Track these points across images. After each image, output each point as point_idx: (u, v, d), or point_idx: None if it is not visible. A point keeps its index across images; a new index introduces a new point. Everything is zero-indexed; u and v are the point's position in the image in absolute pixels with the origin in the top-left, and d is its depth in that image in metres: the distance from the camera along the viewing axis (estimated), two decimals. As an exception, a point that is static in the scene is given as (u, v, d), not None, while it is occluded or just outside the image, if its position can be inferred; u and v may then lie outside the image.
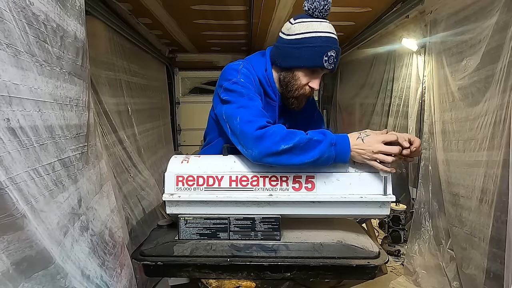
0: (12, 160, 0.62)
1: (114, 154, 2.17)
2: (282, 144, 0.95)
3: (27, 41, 0.68)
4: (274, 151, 0.95)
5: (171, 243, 1.04)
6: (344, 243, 1.02)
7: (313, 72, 1.15)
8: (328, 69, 1.13)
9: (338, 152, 0.97)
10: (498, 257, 1.49)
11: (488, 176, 1.59)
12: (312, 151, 0.95)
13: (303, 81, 1.16)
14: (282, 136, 0.96)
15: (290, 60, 1.15)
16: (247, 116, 1.01)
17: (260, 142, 0.96)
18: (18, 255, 0.61)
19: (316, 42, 1.11)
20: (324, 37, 1.11)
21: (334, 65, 1.14)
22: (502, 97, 1.49)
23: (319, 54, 1.10)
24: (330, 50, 1.10)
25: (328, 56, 1.11)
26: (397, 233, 2.75)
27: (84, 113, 0.99)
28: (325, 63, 1.11)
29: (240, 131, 1.01)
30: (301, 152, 0.95)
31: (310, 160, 0.95)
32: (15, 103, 0.64)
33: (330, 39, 1.12)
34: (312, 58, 1.11)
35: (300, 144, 0.95)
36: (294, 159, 0.95)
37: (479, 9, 1.69)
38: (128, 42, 2.76)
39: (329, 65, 1.12)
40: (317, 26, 1.12)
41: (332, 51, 1.11)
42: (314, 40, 1.11)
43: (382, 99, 3.36)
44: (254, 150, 0.97)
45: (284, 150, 0.95)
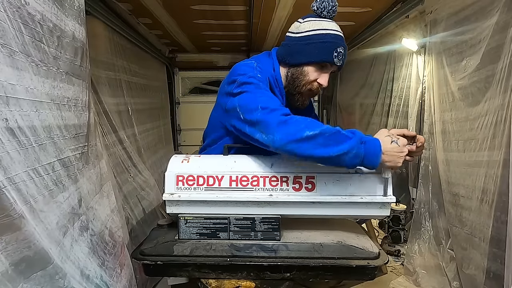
0: (11, 160, 0.62)
1: (114, 154, 2.17)
2: (307, 130, 0.88)
3: (22, 41, 0.68)
4: (298, 137, 0.88)
5: (171, 242, 1.04)
6: (344, 244, 1.02)
7: (322, 68, 1.17)
8: (337, 65, 1.16)
9: (368, 152, 0.88)
10: (498, 257, 1.49)
11: (489, 176, 1.59)
12: (340, 144, 0.87)
13: (312, 77, 1.17)
14: (307, 123, 0.91)
15: (300, 56, 1.16)
16: (271, 105, 0.97)
17: (283, 126, 0.91)
18: (17, 255, 0.61)
19: (327, 38, 1.13)
20: (333, 34, 1.15)
21: (342, 62, 1.16)
22: (502, 97, 1.48)
23: (329, 49, 1.13)
24: (339, 47, 1.14)
25: (338, 52, 1.14)
26: (397, 233, 2.75)
27: (84, 113, 0.99)
28: (335, 58, 1.14)
29: (261, 118, 0.95)
30: (327, 142, 0.87)
31: (336, 153, 0.86)
32: (12, 103, 0.64)
33: (339, 36, 1.15)
34: (322, 53, 1.14)
35: (326, 134, 0.88)
36: (318, 150, 0.87)
37: (479, 9, 1.69)
38: (128, 42, 2.76)
39: (338, 61, 1.15)
40: (326, 25, 1.15)
41: (341, 48, 1.14)
42: (324, 36, 1.14)
43: (382, 99, 3.36)
44: (276, 135, 0.90)
45: (308, 137, 0.87)
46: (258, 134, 0.96)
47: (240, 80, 1.08)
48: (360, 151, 0.88)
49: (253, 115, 0.97)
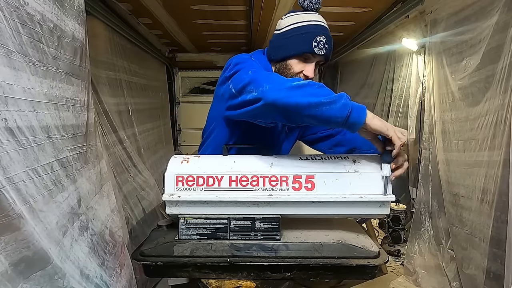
0: (10, 160, 0.62)
1: (114, 154, 2.17)
2: (296, 81, 0.92)
3: (19, 41, 0.68)
4: (288, 86, 0.91)
5: (171, 243, 1.04)
6: (344, 243, 1.02)
7: (306, 60, 1.16)
8: (320, 55, 1.13)
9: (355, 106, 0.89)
10: (498, 257, 1.49)
11: (489, 176, 1.59)
12: (328, 94, 0.89)
13: (296, 70, 1.16)
14: (294, 79, 0.95)
15: (281, 51, 1.17)
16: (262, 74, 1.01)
17: (273, 79, 0.96)
18: (16, 255, 0.61)
19: (305, 29, 1.13)
20: (312, 24, 1.13)
21: (326, 51, 1.13)
22: (502, 97, 1.48)
23: (307, 39, 1.12)
24: (318, 35, 1.11)
25: (318, 41, 1.11)
26: (397, 233, 2.75)
27: (83, 113, 0.99)
28: (315, 48, 1.11)
29: (252, 77, 0.99)
30: (315, 92, 0.90)
31: (326, 100, 0.87)
32: (11, 103, 0.64)
33: (318, 26, 1.13)
34: (301, 45, 1.13)
35: (315, 86, 0.92)
36: (309, 98, 0.88)
37: (479, 9, 1.69)
38: (128, 42, 2.76)
39: (319, 50, 1.12)
40: (305, 17, 1.14)
41: (321, 36, 1.11)
42: (302, 28, 1.13)
43: (382, 99, 3.36)
44: (265, 86, 0.93)
45: (298, 85, 0.91)
46: (249, 95, 0.98)
47: (233, 62, 1.13)
48: (348, 103, 0.88)
49: (244, 80, 1.01)
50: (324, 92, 0.91)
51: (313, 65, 1.16)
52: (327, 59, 1.17)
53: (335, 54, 4.41)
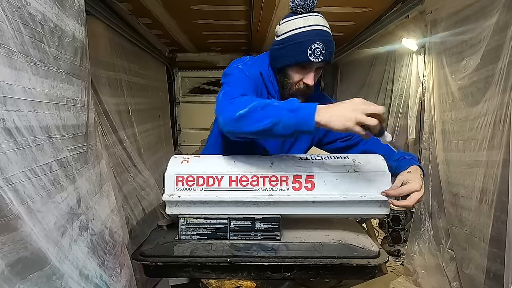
0: (8, 161, 0.62)
1: (114, 154, 2.17)
2: (239, 110, 0.90)
3: (21, 41, 0.68)
4: (234, 118, 0.91)
5: (171, 243, 1.04)
6: (344, 243, 1.02)
7: (304, 68, 1.12)
8: (317, 62, 1.09)
9: (299, 120, 0.87)
10: (498, 257, 1.49)
11: (488, 176, 1.59)
12: (268, 117, 0.88)
13: (296, 79, 1.14)
14: (241, 102, 0.93)
15: (279, 61, 1.15)
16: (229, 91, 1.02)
17: (225, 108, 0.95)
18: (13, 256, 0.61)
19: (298, 38, 1.09)
20: (306, 31, 1.09)
21: (324, 57, 1.08)
22: (502, 97, 1.49)
23: (302, 49, 1.08)
24: (314, 43, 1.07)
25: (313, 49, 1.07)
26: (397, 233, 2.75)
27: (83, 113, 0.99)
28: (311, 56, 1.07)
29: (217, 104, 0.99)
30: (257, 117, 0.89)
31: (266, 127, 0.88)
32: (9, 103, 0.64)
33: (313, 31, 1.08)
34: (296, 55, 1.09)
35: (257, 109, 0.90)
36: (251, 126, 0.89)
37: (479, 9, 1.69)
38: (128, 42, 2.76)
39: (315, 58, 1.08)
40: (300, 22, 1.10)
41: (317, 43, 1.07)
42: (296, 36, 1.09)
43: (382, 99, 3.36)
44: (220, 117, 0.95)
45: (240, 115, 0.90)
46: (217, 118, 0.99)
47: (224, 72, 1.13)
48: (290, 120, 0.87)
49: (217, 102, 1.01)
50: (268, 112, 0.89)
51: (312, 73, 1.12)
52: (328, 63, 1.14)
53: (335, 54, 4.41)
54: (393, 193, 0.98)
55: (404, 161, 1.09)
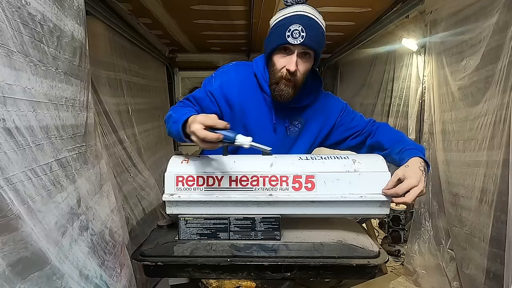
0: (8, 160, 0.62)
1: (114, 154, 2.17)
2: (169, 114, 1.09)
3: (20, 41, 0.68)
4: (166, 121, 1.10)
5: (171, 243, 1.04)
6: (344, 243, 1.02)
7: (287, 53, 1.12)
8: (296, 44, 1.08)
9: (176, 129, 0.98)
10: (498, 257, 1.49)
11: (488, 176, 1.59)
12: (167, 126, 1.08)
13: (279, 65, 1.14)
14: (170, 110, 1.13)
15: (266, 50, 1.19)
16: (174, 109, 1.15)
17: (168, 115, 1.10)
18: (14, 256, 0.61)
19: (279, 23, 1.12)
20: (288, 16, 1.11)
21: (304, 39, 1.07)
22: (502, 97, 1.49)
23: (281, 32, 1.09)
24: (292, 25, 1.08)
25: (292, 30, 1.08)
26: (397, 233, 2.75)
27: (82, 113, 0.99)
28: (289, 38, 1.08)
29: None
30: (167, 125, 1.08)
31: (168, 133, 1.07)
32: (9, 103, 0.64)
33: (294, 16, 1.10)
34: (276, 38, 1.12)
35: (167, 118, 1.08)
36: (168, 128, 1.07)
37: (479, 9, 1.69)
38: (128, 42, 2.76)
39: (294, 40, 1.07)
40: (286, 11, 1.13)
41: (295, 25, 1.08)
42: (278, 23, 1.13)
43: (382, 99, 3.36)
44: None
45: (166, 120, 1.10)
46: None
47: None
48: (173, 130, 1.01)
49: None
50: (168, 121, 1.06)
51: (293, 57, 1.11)
52: (313, 48, 1.12)
53: (335, 54, 4.41)
54: (391, 192, 0.98)
55: (405, 153, 1.08)
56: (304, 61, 1.13)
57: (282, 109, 1.23)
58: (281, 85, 1.15)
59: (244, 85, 1.23)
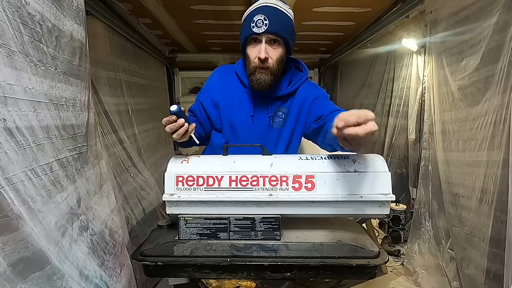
0: (9, 160, 0.62)
1: (114, 154, 2.16)
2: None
3: (21, 41, 0.68)
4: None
5: (171, 243, 1.04)
6: (344, 243, 1.02)
7: (257, 43, 1.19)
8: (261, 32, 1.15)
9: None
10: (498, 257, 1.48)
11: (488, 176, 1.59)
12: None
13: (252, 56, 1.20)
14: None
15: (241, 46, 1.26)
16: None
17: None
18: (14, 256, 0.61)
19: (246, 18, 1.21)
20: (253, 10, 1.19)
21: (267, 27, 1.14)
22: (502, 97, 1.48)
23: (247, 24, 1.18)
24: (256, 15, 1.15)
25: (255, 21, 1.15)
26: (397, 233, 2.75)
27: (82, 113, 0.99)
28: (254, 28, 1.15)
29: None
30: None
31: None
32: (10, 103, 0.64)
33: (257, 8, 1.17)
34: (243, 31, 1.20)
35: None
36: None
37: (479, 9, 1.69)
38: (128, 42, 2.76)
39: (258, 29, 1.15)
40: (252, 7, 1.20)
41: (258, 15, 1.15)
42: (245, 18, 1.22)
43: (382, 99, 3.36)
44: None
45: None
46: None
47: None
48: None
49: None
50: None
51: (262, 45, 1.17)
52: (279, 34, 1.17)
53: (335, 54, 4.41)
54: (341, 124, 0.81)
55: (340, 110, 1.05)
56: (274, 48, 1.19)
57: (265, 100, 1.28)
58: (257, 74, 1.21)
59: (227, 84, 1.33)
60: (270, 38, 1.17)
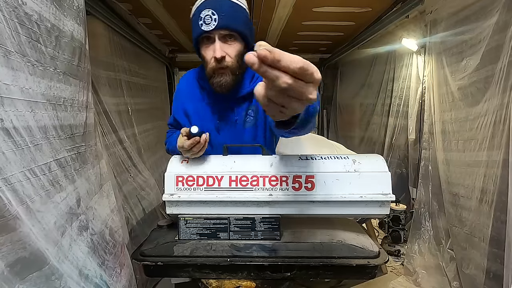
0: (6, 161, 0.62)
1: (114, 154, 2.16)
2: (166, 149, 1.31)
3: (18, 41, 0.68)
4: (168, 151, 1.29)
5: (171, 243, 1.04)
6: (344, 243, 1.02)
7: (210, 42, 1.08)
8: (212, 30, 1.03)
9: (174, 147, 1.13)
10: (498, 257, 1.48)
11: (488, 176, 1.59)
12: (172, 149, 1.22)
13: (208, 57, 1.09)
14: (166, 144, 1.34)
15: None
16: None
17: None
18: (12, 256, 0.61)
19: (193, 15, 1.09)
20: (200, 4, 1.07)
21: (217, 22, 1.02)
22: (502, 97, 1.48)
23: (195, 23, 1.06)
24: (202, 11, 1.04)
25: (203, 18, 1.03)
26: (397, 233, 2.75)
27: (81, 113, 0.99)
28: (202, 26, 1.03)
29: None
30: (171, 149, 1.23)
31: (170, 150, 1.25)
32: (7, 104, 0.64)
33: (204, 2, 1.06)
34: (193, 31, 1.08)
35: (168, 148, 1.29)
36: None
37: (479, 9, 1.69)
38: (128, 42, 2.76)
39: (207, 26, 1.03)
40: (197, 2, 1.09)
41: (205, 11, 1.03)
42: (193, 13, 1.09)
43: (382, 99, 3.36)
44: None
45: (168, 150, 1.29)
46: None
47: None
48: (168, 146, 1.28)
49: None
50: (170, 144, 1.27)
51: (216, 44, 1.06)
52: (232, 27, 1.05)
53: (335, 54, 4.41)
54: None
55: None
56: (230, 44, 1.08)
57: (230, 102, 1.20)
58: (217, 76, 1.10)
59: (192, 91, 1.26)
60: (223, 34, 1.05)
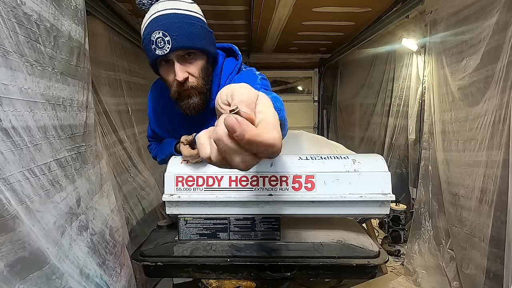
0: (5, 161, 0.62)
1: (114, 154, 2.17)
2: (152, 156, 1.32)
3: (16, 41, 0.68)
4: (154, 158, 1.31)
5: (171, 243, 1.04)
6: (344, 243, 1.02)
7: (168, 64, 0.97)
8: (166, 54, 0.92)
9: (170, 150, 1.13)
10: (498, 257, 1.48)
11: (488, 176, 1.59)
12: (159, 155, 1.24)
13: (170, 79, 0.99)
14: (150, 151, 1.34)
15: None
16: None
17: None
18: (12, 256, 0.61)
19: (144, 34, 0.95)
20: (148, 23, 0.94)
21: (170, 44, 0.91)
22: (501, 97, 1.49)
23: (148, 45, 0.93)
24: (153, 33, 0.91)
25: (154, 41, 0.91)
26: (397, 233, 2.75)
27: (80, 113, 0.99)
28: (156, 50, 0.92)
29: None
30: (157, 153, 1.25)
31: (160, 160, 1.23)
32: (6, 104, 0.64)
33: (152, 21, 0.93)
34: (148, 56, 0.96)
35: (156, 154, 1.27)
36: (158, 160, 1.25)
37: (479, 9, 1.69)
38: (128, 42, 2.76)
39: (160, 50, 0.91)
40: (149, 12, 0.96)
41: (155, 33, 0.91)
42: (143, 33, 0.95)
43: (382, 99, 3.36)
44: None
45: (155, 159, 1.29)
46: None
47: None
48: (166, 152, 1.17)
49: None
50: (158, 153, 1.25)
51: (175, 66, 0.95)
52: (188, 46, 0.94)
53: (335, 54, 4.41)
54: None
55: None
56: (191, 62, 0.98)
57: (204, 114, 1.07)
58: (184, 99, 1.00)
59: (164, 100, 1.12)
60: (180, 54, 0.95)
